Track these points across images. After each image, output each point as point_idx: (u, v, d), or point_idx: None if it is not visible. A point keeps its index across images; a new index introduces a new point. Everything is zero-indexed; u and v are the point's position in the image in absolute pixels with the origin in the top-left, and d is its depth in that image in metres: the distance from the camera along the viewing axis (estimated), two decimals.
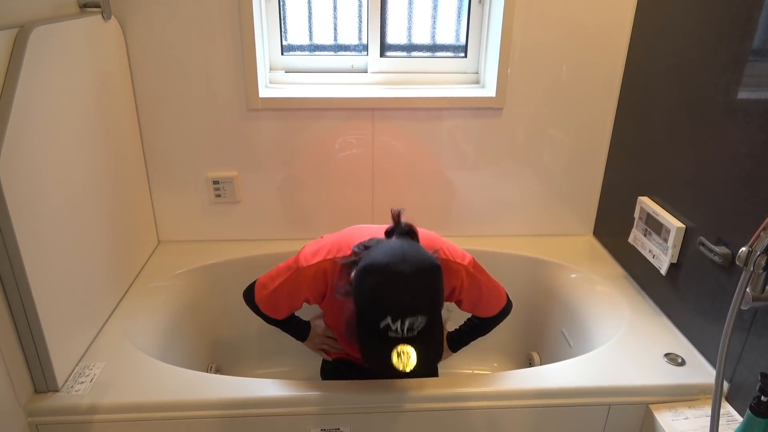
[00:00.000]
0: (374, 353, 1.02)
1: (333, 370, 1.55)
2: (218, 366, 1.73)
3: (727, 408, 1.17)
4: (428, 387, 1.21)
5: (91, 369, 1.22)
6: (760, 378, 0.94)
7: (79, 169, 1.27)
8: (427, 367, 1.03)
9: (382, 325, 0.99)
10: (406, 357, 1.01)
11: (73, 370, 1.21)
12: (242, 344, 1.79)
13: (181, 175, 1.72)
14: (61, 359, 1.16)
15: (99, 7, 1.39)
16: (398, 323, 0.98)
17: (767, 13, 1.10)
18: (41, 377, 1.13)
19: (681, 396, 1.21)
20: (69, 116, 1.23)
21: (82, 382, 1.17)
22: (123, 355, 1.27)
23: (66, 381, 1.18)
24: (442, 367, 1.64)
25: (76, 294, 1.24)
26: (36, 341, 1.09)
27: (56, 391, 1.15)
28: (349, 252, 1.14)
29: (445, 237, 1.31)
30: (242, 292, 1.37)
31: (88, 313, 1.30)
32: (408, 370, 1.00)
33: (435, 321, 1.03)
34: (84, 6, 1.38)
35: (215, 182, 1.73)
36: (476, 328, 1.43)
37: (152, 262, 1.69)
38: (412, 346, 1.00)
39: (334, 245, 1.21)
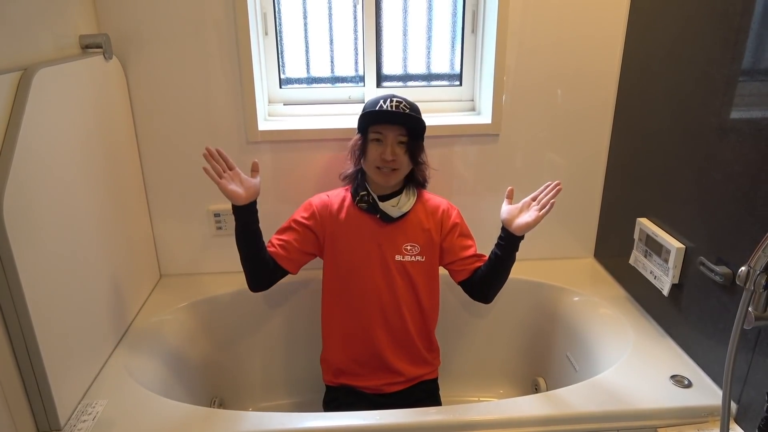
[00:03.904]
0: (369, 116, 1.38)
1: (334, 399, 1.55)
2: (221, 399, 1.71)
3: (736, 430, 1.15)
4: (434, 415, 1.19)
5: (94, 407, 1.21)
6: (767, 398, 0.93)
7: (81, 206, 1.28)
8: (414, 117, 1.38)
9: (376, 109, 1.36)
10: (395, 103, 1.37)
11: (75, 409, 1.20)
12: (245, 377, 1.78)
13: (182, 209, 1.74)
14: (63, 397, 1.15)
15: (101, 47, 1.43)
16: (388, 102, 1.37)
17: (754, 36, 1.12)
18: (43, 416, 1.12)
19: (689, 418, 1.19)
20: (71, 154, 1.25)
21: (85, 421, 1.16)
22: (125, 391, 1.26)
23: (68, 420, 1.16)
24: (445, 394, 1.63)
25: (78, 331, 1.24)
26: (38, 380, 1.08)
27: (58, 430, 1.13)
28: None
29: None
30: (246, 321, 1.39)
31: (90, 350, 1.30)
32: (396, 102, 1.37)
33: (416, 112, 1.40)
34: (86, 47, 1.42)
35: (216, 215, 1.74)
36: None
37: (154, 297, 1.69)
38: (401, 115, 1.36)
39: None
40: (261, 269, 1.41)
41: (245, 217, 1.34)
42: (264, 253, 1.40)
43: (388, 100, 1.38)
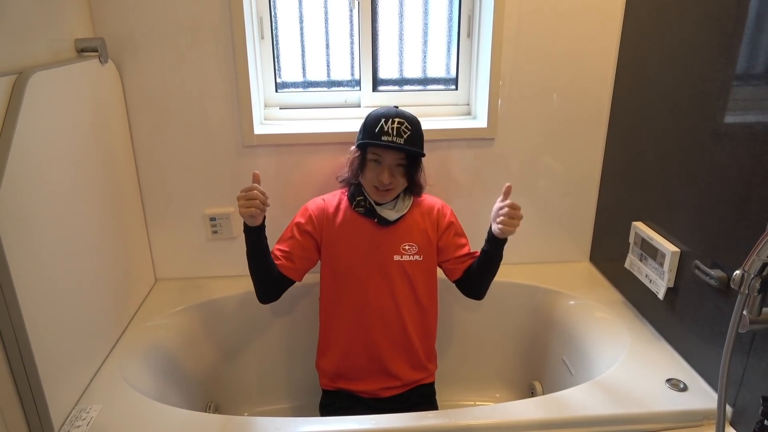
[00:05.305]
0: (369, 143, 1.36)
1: (331, 404, 1.54)
2: (217, 404, 1.70)
3: None
4: (430, 419, 1.19)
5: (88, 412, 1.20)
6: (762, 402, 0.93)
7: (76, 210, 1.27)
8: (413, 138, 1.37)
9: (377, 130, 1.35)
10: (396, 124, 1.35)
11: (69, 414, 1.19)
12: (241, 381, 1.77)
13: (178, 213, 1.73)
14: (57, 403, 1.14)
15: (96, 51, 1.42)
16: (389, 123, 1.34)
17: (748, 41, 1.13)
18: (37, 422, 1.11)
19: (685, 422, 1.19)
20: (66, 158, 1.24)
21: (79, 426, 1.16)
22: (120, 396, 1.26)
23: (62, 425, 1.16)
24: (442, 399, 1.63)
25: (72, 335, 1.23)
26: (32, 385, 1.07)
27: None
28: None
29: None
30: (242, 326, 1.38)
31: (84, 355, 1.29)
32: (398, 124, 1.35)
33: (417, 135, 1.39)
34: (82, 50, 1.41)
35: (212, 219, 1.74)
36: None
37: (149, 301, 1.68)
38: (400, 148, 1.35)
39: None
40: (271, 283, 1.44)
41: (258, 235, 1.36)
42: (273, 268, 1.42)
43: (390, 120, 1.36)
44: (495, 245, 1.41)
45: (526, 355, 1.82)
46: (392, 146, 1.35)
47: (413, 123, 1.39)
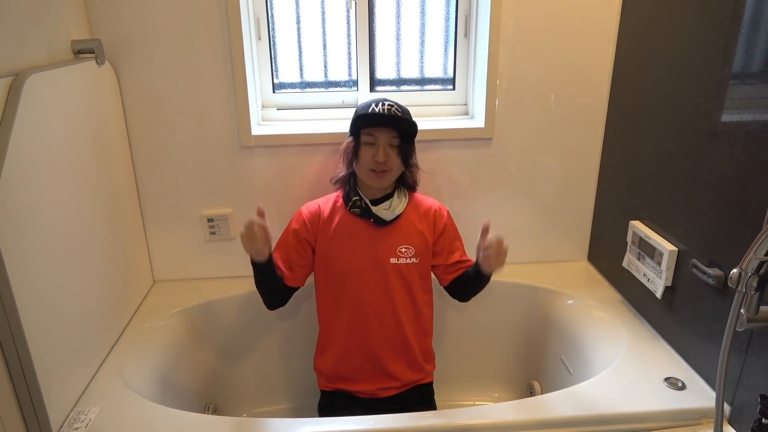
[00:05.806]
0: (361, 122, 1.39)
1: (329, 404, 1.54)
2: (215, 405, 1.70)
3: (729, 431, 1.16)
4: (429, 419, 1.19)
5: (86, 414, 1.20)
6: (759, 400, 0.93)
7: (73, 211, 1.27)
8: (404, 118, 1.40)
9: (368, 113, 1.38)
10: (386, 106, 1.38)
11: (67, 416, 1.19)
12: (239, 383, 1.77)
13: (176, 214, 1.73)
14: (55, 405, 1.14)
15: (93, 53, 1.42)
16: (380, 106, 1.38)
17: (744, 40, 1.13)
18: (35, 424, 1.10)
19: (683, 421, 1.20)
20: (63, 160, 1.24)
21: (77, 428, 1.15)
22: (118, 398, 1.25)
23: (60, 427, 1.16)
24: (440, 398, 1.63)
25: (71, 337, 1.23)
26: (30, 387, 1.07)
27: None
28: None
29: None
30: (240, 326, 1.38)
31: (83, 357, 1.29)
32: (387, 106, 1.38)
33: (408, 116, 1.41)
34: (78, 52, 1.41)
35: (210, 220, 1.74)
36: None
37: (147, 302, 1.68)
38: (395, 120, 1.38)
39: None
40: (278, 294, 1.48)
41: (265, 267, 1.38)
42: (280, 282, 1.45)
43: (380, 103, 1.39)
44: (484, 272, 1.40)
45: (524, 355, 1.82)
46: (386, 116, 1.37)
47: (402, 106, 1.42)
